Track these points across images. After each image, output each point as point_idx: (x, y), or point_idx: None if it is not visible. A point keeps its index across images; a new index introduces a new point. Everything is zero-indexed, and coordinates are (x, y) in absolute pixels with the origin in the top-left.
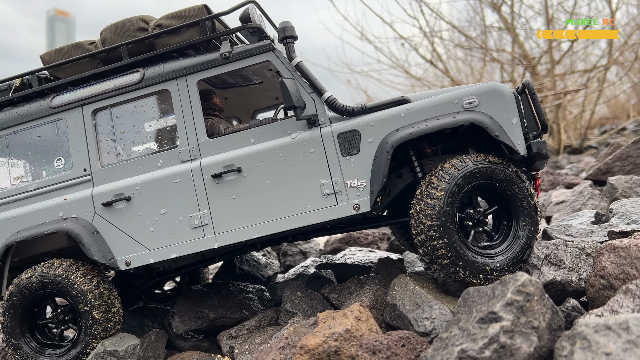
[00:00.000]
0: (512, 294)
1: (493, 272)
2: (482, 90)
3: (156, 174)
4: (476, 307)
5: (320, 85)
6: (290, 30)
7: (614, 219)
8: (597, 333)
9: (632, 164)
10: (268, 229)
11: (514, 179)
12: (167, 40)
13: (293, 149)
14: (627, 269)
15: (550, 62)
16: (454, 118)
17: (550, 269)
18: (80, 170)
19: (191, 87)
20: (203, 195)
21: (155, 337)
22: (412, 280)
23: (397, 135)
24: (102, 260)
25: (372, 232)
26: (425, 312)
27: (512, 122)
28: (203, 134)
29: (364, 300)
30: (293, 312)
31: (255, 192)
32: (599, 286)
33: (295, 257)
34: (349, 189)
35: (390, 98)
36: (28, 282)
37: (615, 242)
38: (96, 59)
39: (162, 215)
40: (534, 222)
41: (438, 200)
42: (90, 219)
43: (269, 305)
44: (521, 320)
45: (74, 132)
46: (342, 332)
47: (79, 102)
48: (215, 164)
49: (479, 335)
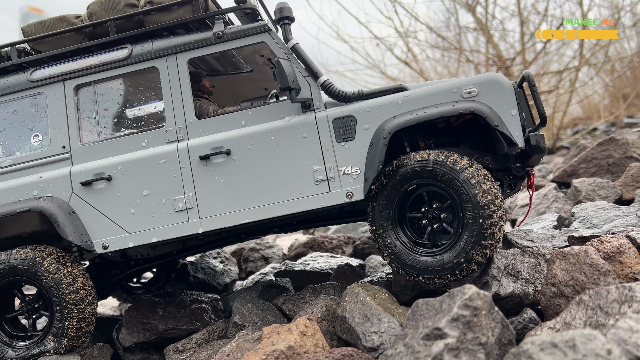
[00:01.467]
0: (458, 308)
1: (433, 272)
2: (481, 80)
3: (140, 153)
4: (423, 321)
5: (316, 68)
6: (287, 11)
7: (575, 223)
8: (543, 351)
9: (596, 166)
10: (256, 215)
11: (454, 178)
12: (158, 17)
13: (286, 132)
14: (576, 275)
15: (523, 63)
16: (453, 106)
17: (509, 281)
18: (58, 147)
19: (181, 66)
20: (189, 177)
21: (98, 352)
22: (363, 290)
23: (394, 121)
24: (77, 242)
25: (337, 236)
26: (374, 325)
27: (511, 114)
28: (192, 114)
29: (315, 312)
30: (242, 325)
31: (244, 176)
32: (550, 294)
33: (257, 262)
34: (343, 176)
35: (387, 86)
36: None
37: (566, 250)
38: (81, 33)
39: (144, 197)
40: (479, 224)
41: (384, 197)
42: (67, 198)
43: (222, 316)
44: (468, 337)
45: (53, 107)
46: (285, 349)
47: (61, 76)
48: (203, 145)
49: (422, 353)
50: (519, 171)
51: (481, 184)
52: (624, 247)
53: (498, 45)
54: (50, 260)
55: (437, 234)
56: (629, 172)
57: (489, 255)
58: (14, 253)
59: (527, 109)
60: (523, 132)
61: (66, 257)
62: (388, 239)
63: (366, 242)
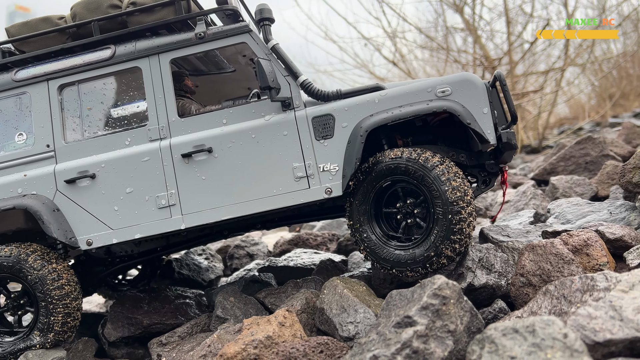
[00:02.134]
0: (427, 297)
1: (406, 265)
2: (455, 79)
3: (123, 152)
4: (395, 310)
5: (296, 68)
6: (267, 13)
7: (550, 218)
8: (505, 336)
9: (574, 164)
10: (238, 211)
11: (425, 175)
12: (141, 18)
13: (266, 130)
14: (542, 265)
15: (510, 64)
16: (427, 105)
17: (483, 273)
18: (42, 146)
19: (164, 66)
20: (171, 174)
21: (83, 346)
22: (342, 283)
23: (371, 119)
24: (62, 239)
25: (322, 233)
26: (350, 316)
27: (483, 112)
28: (174, 113)
29: (295, 305)
30: (224, 318)
31: (225, 173)
32: (519, 284)
33: (242, 259)
34: (322, 172)
35: (365, 86)
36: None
37: (535, 242)
38: (65, 34)
39: (127, 195)
40: (448, 220)
41: (361, 193)
42: (51, 196)
43: (206, 311)
44: (437, 324)
45: (37, 107)
46: (263, 339)
47: (45, 76)
48: (185, 143)
49: (392, 340)
50: (493, 168)
51: (451, 181)
52: (591, 241)
53: (485, 46)
54: (35, 257)
55: (411, 229)
56: (605, 170)
57: (459, 250)
58: (8, 251)
59: (499, 108)
60: (495, 130)
61: (51, 254)
62: (364, 233)
63: (350, 239)
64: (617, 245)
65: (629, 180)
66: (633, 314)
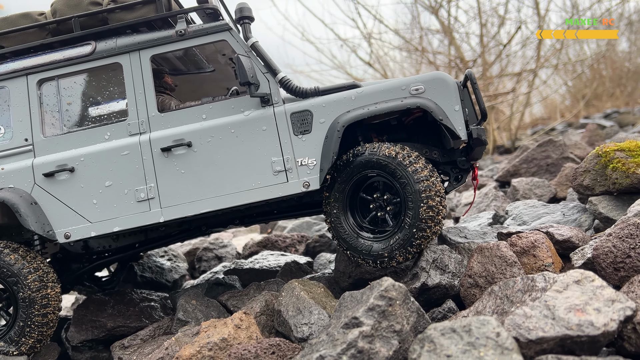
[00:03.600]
0: (374, 299)
1: (377, 257)
2: (427, 78)
3: (103, 146)
4: (345, 312)
5: (275, 65)
6: (247, 11)
7: (508, 220)
8: (443, 336)
9: (536, 166)
10: (216, 204)
11: (397, 171)
12: (122, 15)
13: (245, 125)
14: (488, 267)
15: (483, 65)
16: (401, 102)
17: (437, 273)
18: (21, 140)
19: (144, 62)
20: (151, 168)
21: (45, 351)
22: (299, 285)
23: (348, 115)
24: (39, 231)
25: (291, 235)
26: (305, 317)
27: (454, 109)
28: (154, 108)
29: (254, 307)
30: (186, 321)
31: (204, 167)
32: (467, 285)
33: (211, 262)
34: (300, 167)
35: (342, 83)
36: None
37: (483, 244)
38: (45, 30)
39: (106, 188)
40: (414, 215)
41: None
42: (29, 189)
43: (171, 314)
44: (382, 325)
45: (16, 101)
46: (218, 341)
47: (24, 71)
48: (165, 137)
49: (339, 340)
50: (464, 164)
51: (420, 172)
52: (538, 242)
53: (460, 47)
54: (21, 261)
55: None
56: (563, 172)
57: (423, 245)
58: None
59: (470, 106)
60: (466, 126)
61: (32, 254)
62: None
63: (317, 240)
64: (565, 246)
65: (580, 183)
66: (564, 313)
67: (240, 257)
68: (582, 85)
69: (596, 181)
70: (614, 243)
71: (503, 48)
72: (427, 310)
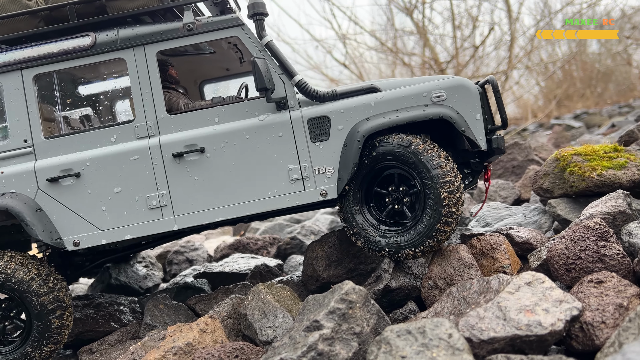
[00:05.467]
0: (335, 302)
1: (399, 249)
2: (449, 84)
3: (110, 149)
4: (308, 315)
5: (291, 67)
6: (260, 7)
7: (472, 222)
8: (399, 337)
9: (502, 168)
10: (232, 213)
11: (416, 162)
12: (121, 4)
13: (261, 131)
14: (447, 269)
15: (457, 67)
16: (423, 111)
17: (399, 275)
18: (19, 141)
19: (150, 59)
20: (162, 175)
21: None
22: (265, 289)
23: (368, 124)
24: (47, 241)
25: (263, 237)
26: (270, 321)
27: (476, 118)
28: (162, 109)
29: (222, 311)
30: (153, 325)
31: (219, 174)
32: (428, 287)
33: (182, 265)
34: (317, 175)
35: (359, 84)
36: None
37: (444, 247)
38: (36, 17)
39: (115, 194)
40: (435, 202)
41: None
42: (32, 195)
43: (140, 318)
44: (343, 327)
45: (11, 98)
46: (183, 345)
47: (18, 65)
48: (176, 142)
49: (300, 343)
50: (478, 166)
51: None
52: (497, 245)
53: (434, 49)
54: (26, 272)
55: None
56: (527, 174)
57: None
58: None
59: (488, 110)
60: (485, 133)
61: (35, 263)
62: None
63: (289, 242)
64: (524, 247)
65: (540, 186)
66: (515, 314)
67: (212, 260)
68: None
69: (555, 184)
70: (566, 245)
71: (476, 50)
72: (390, 311)
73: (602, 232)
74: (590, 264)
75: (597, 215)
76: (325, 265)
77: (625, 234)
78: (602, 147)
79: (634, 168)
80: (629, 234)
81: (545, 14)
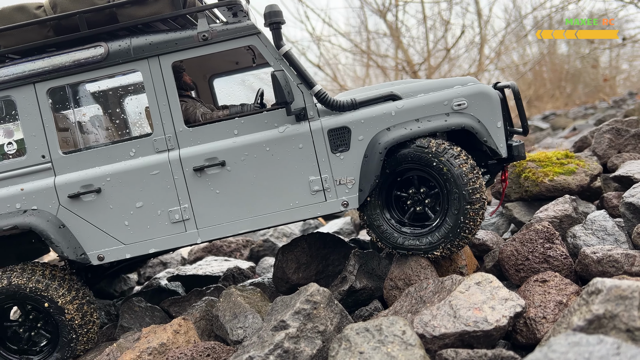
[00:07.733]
0: (300, 303)
1: (428, 250)
2: (470, 92)
3: (129, 164)
4: (275, 315)
5: (310, 77)
6: (278, 15)
7: None
8: (358, 335)
9: None
10: (255, 225)
11: (440, 165)
12: (133, 11)
13: (281, 143)
14: (406, 270)
15: (428, 69)
16: (445, 121)
17: (363, 277)
18: (37, 156)
19: (165, 70)
20: (183, 188)
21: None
22: (237, 291)
23: (389, 136)
24: (72, 257)
25: (236, 240)
26: (240, 321)
27: (497, 126)
28: (180, 121)
29: (194, 313)
30: (128, 327)
31: (240, 187)
32: (389, 287)
33: (155, 268)
34: (338, 186)
35: (378, 92)
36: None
37: None
38: (45, 26)
39: (138, 209)
40: (460, 199)
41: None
42: (54, 211)
43: (115, 320)
44: (307, 326)
45: (26, 113)
46: (157, 346)
47: (30, 77)
48: (196, 156)
49: (267, 342)
50: (495, 168)
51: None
52: None
53: (407, 51)
54: (55, 286)
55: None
56: None
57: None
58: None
59: (507, 115)
60: (505, 138)
61: (62, 274)
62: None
63: (261, 244)
64: (481, 249)
65: (499, 190)
66: (465, 312)
67: (186, 262)
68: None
69: (512, 189)
70: (516, 247)
71: (447, 52)
72: (356, 309)
73: (549, 234)
74: (537, 264)
75: (546, 219)
76: (295, 268)
77: (570, 236)
78: (554, 153)
79: (583, 174)
80: (574, 236)
81: (516, 17)
